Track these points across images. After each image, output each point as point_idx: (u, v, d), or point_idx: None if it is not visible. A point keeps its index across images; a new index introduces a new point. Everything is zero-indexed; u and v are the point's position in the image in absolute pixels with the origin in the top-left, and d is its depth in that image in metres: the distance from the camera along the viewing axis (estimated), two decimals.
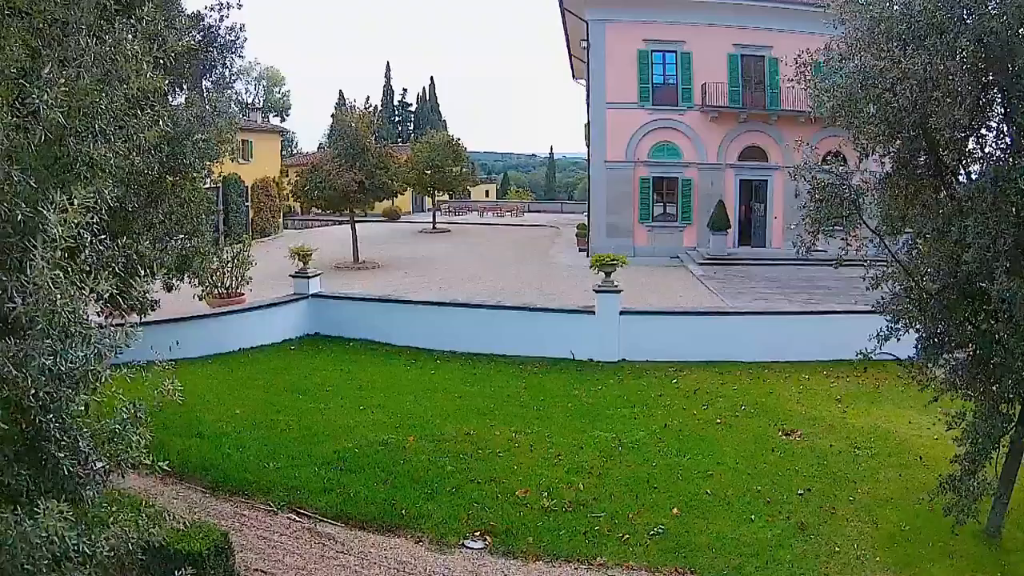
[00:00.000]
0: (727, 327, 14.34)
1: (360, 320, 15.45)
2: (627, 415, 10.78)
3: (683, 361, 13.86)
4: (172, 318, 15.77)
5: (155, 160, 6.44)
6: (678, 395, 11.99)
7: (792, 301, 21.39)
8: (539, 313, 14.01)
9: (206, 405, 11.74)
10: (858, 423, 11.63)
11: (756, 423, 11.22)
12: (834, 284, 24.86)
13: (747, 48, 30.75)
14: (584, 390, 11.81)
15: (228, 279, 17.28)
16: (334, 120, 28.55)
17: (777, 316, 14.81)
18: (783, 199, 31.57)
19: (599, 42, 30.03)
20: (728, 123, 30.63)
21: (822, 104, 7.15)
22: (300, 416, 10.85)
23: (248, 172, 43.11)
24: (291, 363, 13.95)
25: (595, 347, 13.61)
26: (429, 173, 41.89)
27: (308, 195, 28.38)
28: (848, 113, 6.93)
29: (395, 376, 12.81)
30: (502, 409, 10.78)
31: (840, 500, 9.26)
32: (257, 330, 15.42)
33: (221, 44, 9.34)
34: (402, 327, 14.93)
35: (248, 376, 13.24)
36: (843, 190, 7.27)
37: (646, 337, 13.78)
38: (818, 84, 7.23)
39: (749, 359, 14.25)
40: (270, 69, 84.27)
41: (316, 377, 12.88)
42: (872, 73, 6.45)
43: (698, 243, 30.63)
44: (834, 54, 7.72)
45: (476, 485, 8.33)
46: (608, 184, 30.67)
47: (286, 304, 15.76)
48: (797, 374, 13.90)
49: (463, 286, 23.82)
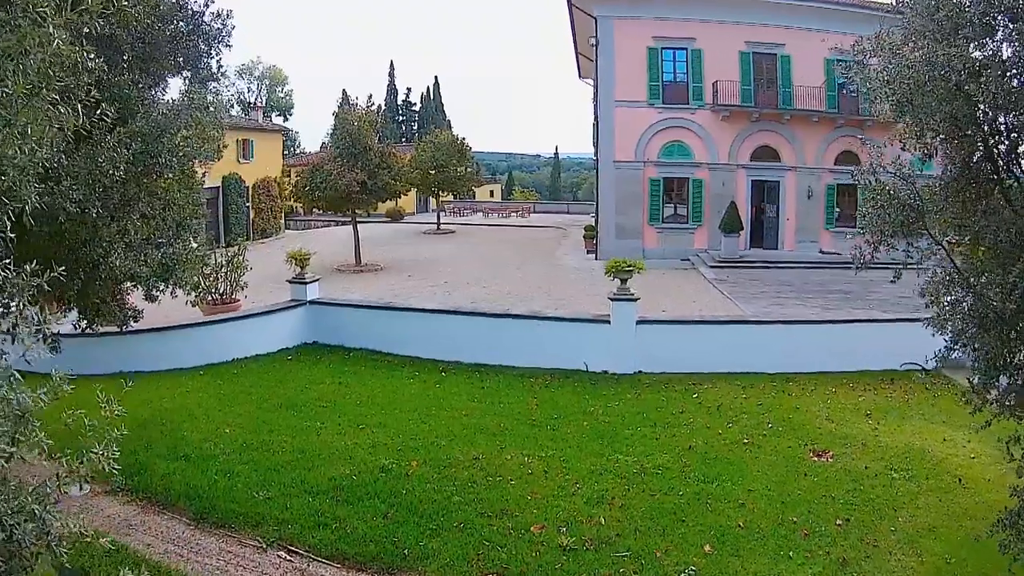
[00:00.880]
0: (749, 337, 13.52)
1: (360, 328, 14.67)
2: (648, 435, 9.97)
3: (702, 373, 13.07)
4: (162, 327, 15.04)
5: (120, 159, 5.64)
6: (700, 411, 11.18)
7: (808, 306, 20.61)
8: (550, 322, 13.19)
9: (194, 422, 10.97)
10: (891, 441, 10.84)
11: (785, 442, 10.42)
12: (849, 288, 24.07)
13: (759, 46, 29.94)
14: (600, 406, 10.99)
15: (222, 284, 16.50)
16: (336, 119, 27.68)
17: (801, 325, 13.98)
18: (795, 200, 30.79)
19: (608, 39, 29.22)
20: (740, 122, 29.82)
21: (885, 97, 6.28)
22: (294, 436, 10.06)
23: (249, 172, 42.38)
24: (286, 375, 13.16)
25: (610, 358, 12.81)
26: (433, 173, 41.10)
27: (308, 196, 27.59)
28: (916, 107, 6.07)
29: (397, 390, 12.01)
30: (513, 429, 9.97)
31: (881, 531, 8.46)
32: (252, 339, 14.65)
33: (206, 33, 8.53)
34: (404, 336, 14.14)
35: (240, 389, 12.45)
36: (908, 195, 6.41)
37: (664, 348, 12.97)
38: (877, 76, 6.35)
39: (772, 370, 13.46)
40: (272, 68, 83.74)
41: (312, 391, 12.09)
42: (940, 63, 5.61)
43: (709, 245, 29.81)
44: (884, 43, 6.87)
45: (486, 519, 7.52)
46: (617, 184, 29.87)
47: (282, 311, 14.98)
48: (823, 387, 13.11)
49: (468, 290, 23.02)
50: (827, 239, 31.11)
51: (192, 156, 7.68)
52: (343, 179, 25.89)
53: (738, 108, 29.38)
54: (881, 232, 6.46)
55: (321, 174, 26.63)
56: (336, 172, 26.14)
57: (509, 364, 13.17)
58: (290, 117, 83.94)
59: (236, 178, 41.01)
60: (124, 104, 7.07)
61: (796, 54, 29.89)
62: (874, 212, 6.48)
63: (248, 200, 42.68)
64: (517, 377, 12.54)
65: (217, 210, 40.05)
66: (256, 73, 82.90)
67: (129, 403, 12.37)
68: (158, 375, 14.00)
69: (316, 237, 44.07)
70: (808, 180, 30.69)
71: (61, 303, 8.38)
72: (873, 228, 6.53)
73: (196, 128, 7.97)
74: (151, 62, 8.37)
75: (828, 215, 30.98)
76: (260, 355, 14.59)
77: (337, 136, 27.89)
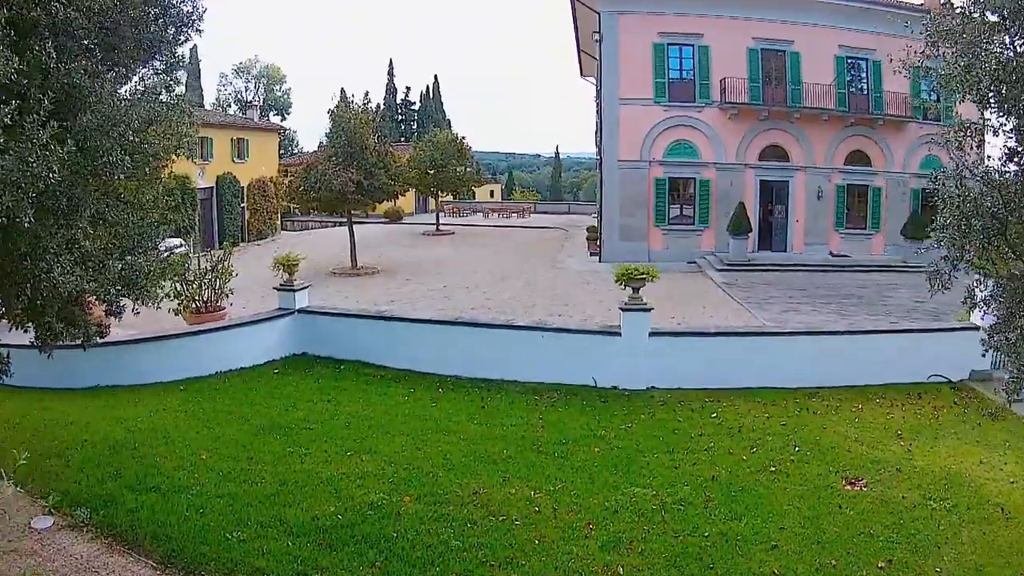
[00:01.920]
0: (770, 350, 12.59)
1: (352, 339, 13.73)
2: (666, 463, 9.03)
3: (719, 389, 12.14)
4: (141, 338, 14.18)
5: (54, 159, 4.72)
6: (721, 434, 10.25)
7: (823, 312, 19.73)
8: (556, 334, 12.23)
9: (169, 446, 10.04)
10: (926, 465, 9.96)
11: (815, 469, 9.50)
12: (861, 292, 23.19)
13: (767, 42, 29.07)
14: (612, 429, 10.05)
15: (207, 292, 15.58)
16: (331, 117, 26.72)
17: (825, 336, 13.05)
18: (804, 201, 29.91)
19: (612, 35, 28.31)
20: (748, 121, 28.92)
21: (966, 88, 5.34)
22: (276, 464, 9.12)
23: (244, 172, 41.47)
24: (272, 391, 12.22)
25: (620, 373, 11.88)
26: (432, 173, 40.20)
27: (302, 197, 26.65)
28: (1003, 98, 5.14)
29: (390, 410, 11.07)
30: (517, 456, 9.02)
31: (926, 572, 7.56)
32: (236, 351, 13.72)
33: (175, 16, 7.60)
34: (399, 348, 13.21)
35: (221, 408, 11.52)
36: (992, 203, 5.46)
37: (678, 361, 12.05)
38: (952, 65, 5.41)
39: (793, 385, 12.55)
40: (270, 67, 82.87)
41: (299, 410, 11.15)
42: None
43: (716, 247, 28.90)
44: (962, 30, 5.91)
45: (489, 569, 6.58)
46: (622, 185, 28.96)
47: (269, 321, 14.04)
48: (848, 403, 12.21)
49: (468, 296, 22.11)
50: (836, 241, 30.23)
51: (153, 154, 6.73)
52: (338, 179, 24.97)
53: (746, 106, 28.50)
54: (962, 247, 5.49)
55: (315, 174, 25.72)
56: (331, 172, 25.21)
57: (512, 379, 12.24)
58: (288, 116, 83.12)
59: (231, 178, 40.10)
60: (72, 95, 6.15)
61: (805, 51, 29.01)
62: (955, 223, 5.52)
63: (243, 201, 41.76)
64: (520, 394, 11.61)
65: (211, 211, 39.16)
66: (254, 72, 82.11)
67: (103, 422, 11.44)
68: (137, 390, 13.12)
69: (313, 238, 43.16)
70: (817, 180, 29.80)
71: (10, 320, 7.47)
72: (953, 242, 5.57)
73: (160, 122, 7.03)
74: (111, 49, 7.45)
75: (838, 216, 30.09)
76: (245, 368, 13.67)
77: (333, 135, 26.97)
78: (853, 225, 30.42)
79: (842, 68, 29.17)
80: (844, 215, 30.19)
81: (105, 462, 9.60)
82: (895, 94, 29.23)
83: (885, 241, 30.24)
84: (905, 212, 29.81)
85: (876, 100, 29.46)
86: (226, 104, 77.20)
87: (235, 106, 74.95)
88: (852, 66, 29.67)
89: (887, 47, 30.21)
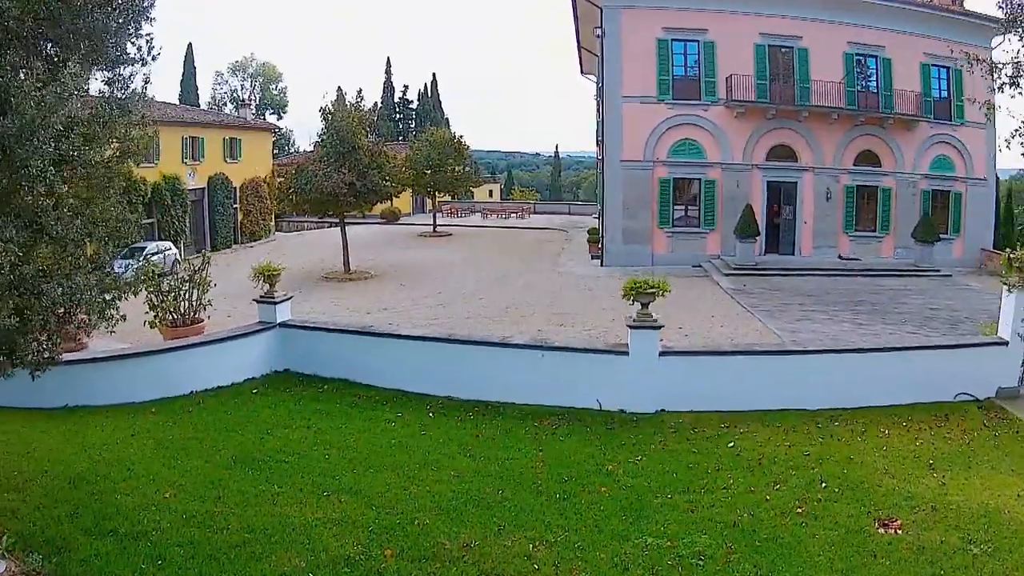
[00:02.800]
0: (789, 369, 11.61)
1: (338, 356, 12.75)
2: (680, 505, 8.05)
3: (734, 412, 11.17)
4: (111, 355, 13.23)
5: None
6: (739, 467, 9.27)
7: (837, 321, 18.77)
8: (557, 353, 11.23)
9: (133, 481, 9.09)
10: (961, 500, 9.01)
11: (845, 509, 8.54)
12: (875, 299, 22.24)
13: (774, 38, 28.12)
14: (620, 463, 9.05)
15: (183, 303, 14.60)
16: (323, 116, 25.72)
17: (849, 354, 12.07)
18: (813, 203, 28.95)
19: (615, 30, 27.31)
20: (755, 120, 27.94)
21: None
22: (244, 506, 8.15)
23: (236, 172, 40.50)
24: (248, 415, 11.24)
25: (627, 395, 10.90)
26: (429, 173, 39.23)
27: (291, 199, 25.65)
28: None
29: (375, 438, 10.08)
30: (514, 498, 8.04)
31: None
32: (213, 368, 12.75)
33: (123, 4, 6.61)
34: (388, 366, 12.22)
35: (192, 434, 10.55)
36: None
37: (690, 382, 11.06)
38: None
39: (813, 407, 11.58)
40: (266, 65, 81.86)
41: (275, 439, 10.17)
42: None
43: (722, 250, 27.94)
44: None
45: None
46: (624, 186, 27.98)
47: (248, 336, 13.05)
48: (873, 427, 11.24)
49: (464, 304, 21.14)
50: (846, 244, 29.29)
51: (85, 163, 5.75)
52: (329, 181, 23.97)
53: (753, 104, 27.53)
54: None
55: (306, 175, 24.73)
56: (322, 173, 24.21)
57: (509, 401, 11.24)
58: (284, 115, 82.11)
59: (223, 179, 39.14)
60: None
61: (813, 47, 28.06)
62: None
63: (236, 202, 40.80)
64: (518, 419, 10.62)
65: (203, 213, 38.19)
66: (250, 70, 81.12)
67: (67, 450, 10.42)
68: (107, 411, 12.18)
69: (308, 240, 42.23)
70: (826, 181, 28.84)
71: None
72: None
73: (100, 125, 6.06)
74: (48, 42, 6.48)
75: (847, 219, 29.16)
76: (223, 387, 12.70)
77: (325, 134, 25.97)
78: (862, 227, 29.49)
79: (851, 65, 28.20)
80: (853, 217, 29.25)
81: (64, 498, 8.72)
82: (905, 92, 28.27)
83: (895, 244, 29.32)
84: (915, 214, 28.91)
85: (886, 99, 28.50)
86: (221, 103, 76.20)
87: (231, 105, 73.92)
88: (861, 63, 28.70)
89: (896, 44, 29.43)
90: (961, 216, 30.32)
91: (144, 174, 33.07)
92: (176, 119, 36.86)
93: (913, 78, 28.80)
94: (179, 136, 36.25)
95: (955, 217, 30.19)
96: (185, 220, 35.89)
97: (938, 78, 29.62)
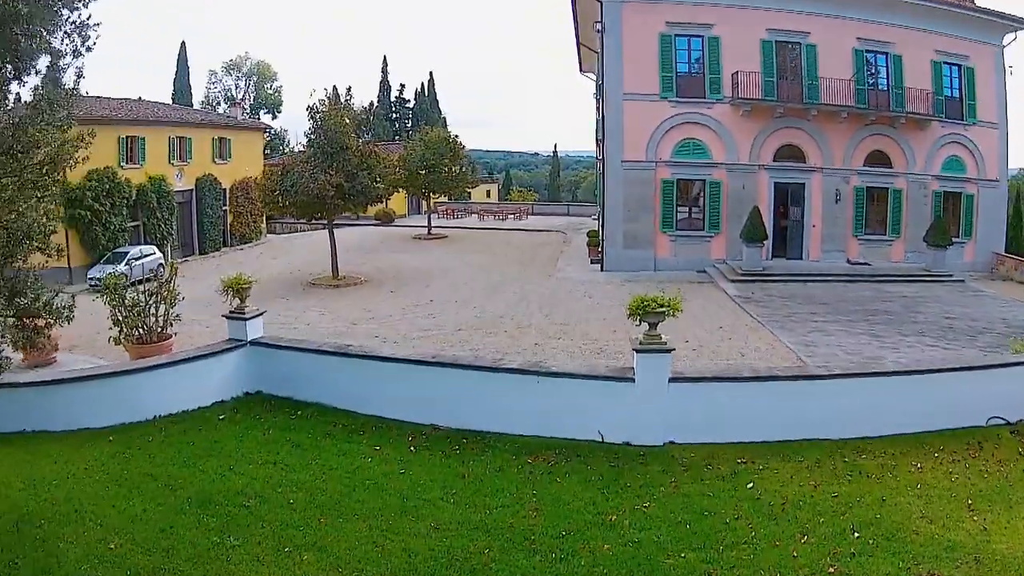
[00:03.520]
0: (811, 395, 10.45)
1: (314, 378, 11.60)
2: (696, 567, 6.89)
3: (749, 443, 10.02)
4: (71, 376, 12.17)
5: None
6: (761, 514, 8.13)
7: (852, 333, 17.66)
8: (555, 380, 10.05)
9: (80, 525, 8.05)
10: (1007, 550, 7.89)
11: (882, 566, 7.41)
12: (889, 307, 21.11)
13: (782, 34, 26.98)
14: (625, 511, 7.87)
15: (150, 319, 13.46)
16: (310, 114, 24.55)
17: (874, 378, 10.92)
18: (821, 205, 27.81)
19: (615, 25, 26.13)
20: (762, 118, 26.78)
21: None
22: (195, 562, 7.03)
23: (226, 173, 39.27)
24: (211, 445, 10.10)
25: (633, 426, 9.74)
26: (423, 173, 38.04)
27: (276, 200, 24.47)
28: None
29: (348, 476, 8.93)
30: (502, 559, 6.86)
31: None
32: (179, 391, 11.62)
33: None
34: (369, 390, 11.06)
35: (147, 469, 9.43)
36: None
37: (702, 411, 9.90)
38: None
39: (837, 435, 10.43)
40: (261, 64, 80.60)
41: (238, 476, 9.03)
42: None
43: (728, 255, 26.79)
44: None
45: None
46: (626, 187, 26.81)
47: (216, 355, 11.90)
48: (904, 459, 10.09)
49: (456, 312, 20.00)
50: (855, 248, 28.15)
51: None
52: (315, 182, 22.79)
53: (760, 102, 26.36)
54: None
55: (291, 176, 23.54)
56: (308, 174, 23.03)
57: (501, 431, 10.07)
58: (279, 115, 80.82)
59: (211, 180, 37.90)
60: None
61: (822, 44, 26.91)
62: None
63: (225, 203, 39.57)
64: (510, 454, 9.45)
65: (190, 215, 36.99)
66: (244, 69, 79.82)
67: (16, 484, 9.07)
68: (64, 438, 11.12)
69: (300, 243, 41.05)
70: (835, 182, 27.70)
71: None
72: None
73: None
74: None
75: (857, 221, 28.01)
76: (189, 412, 11.56)
77: (312, 134, 24.81)
78: (872, 230, 28.36)
79: (861, 62, 27.06)
80: (863, 220, 28.12)
81: (5, 545, 7.70)
82: (916, 90, 27.16)
83: (905, 248, 28.20)
84: (926, 216, 27.81)
85: (897, 97, 27.36)
86: (215, 103, 74.93)
87: (224, 104, 72.64)
88: (870, 60, 27.58)
89: (906, 40, 28.31)
90: (973, 219, 29.24)
91: (129, 175, 32.08)
92: (162, 118, 35.73)
93: (924, 76, 27.68)
94: (166, 136, 35.12)
95: (966, 220, 29.11)
96: (172, 223, 34.75)
97: (949, 76, 28.52)
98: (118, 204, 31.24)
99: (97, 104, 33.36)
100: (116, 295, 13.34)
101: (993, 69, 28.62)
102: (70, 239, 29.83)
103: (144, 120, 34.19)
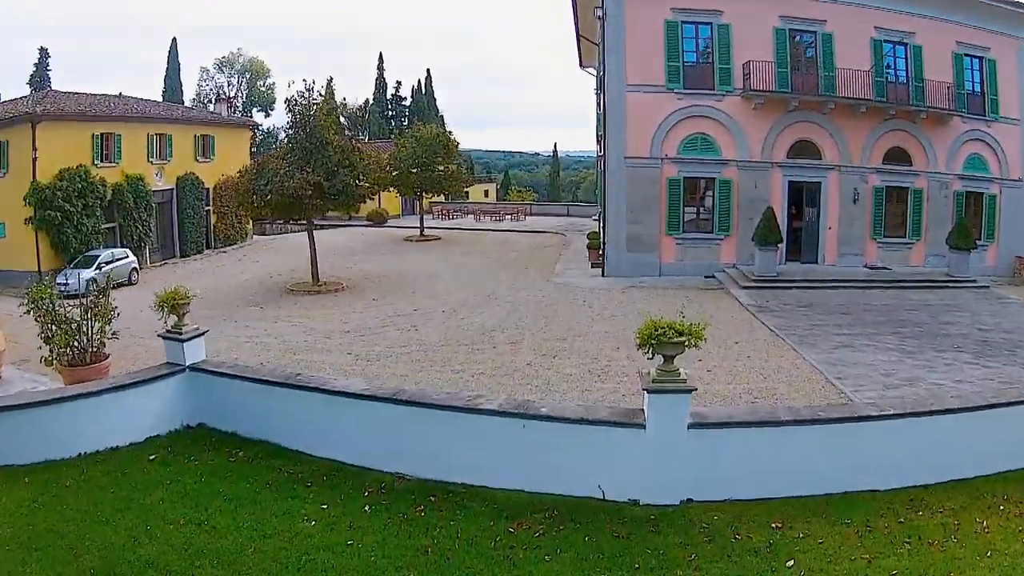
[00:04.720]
0: (858, 438, 8.59)
1: (261, 412, 9.75)
2: None
3: (782, 499, 8.17)
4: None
5: None
6: None
7: (881, 347, 15.80)
8: (547, 424, 8.10)
9: None
10: None
11: None
12: (916, 317, 19.21)
13: (796, 22, 25.14)
14: None
15: (83, 337, 11.62)
16: (288, 108, 22.72)
17: (928, 417, 9.02)
18: (838, 205, 25.94)
19: (618, 10, 24.26)
20: (775, 112, 24.93)
21: None
22: None
23: (209, 172, 37.36)
24: (132, 495, 8.25)
25: (642, 481, 7.86)
26: (416, 172, 36.19)
27: (251, 200, 22.63)
28: None
29: (283, 549, 7.08)
30: None
31: None
32: (109, 423, 9.76)
33: None
34: (323, 428, 9.21)
35: (57, 523, 7.59)
36: None
37: (728, 463, 8.03)
38: None
39: (884, 485, 8.57)
40: (254, 61, 78.77)
41: (152, 541, 7.17)
42: None
43: (738, 259, 24.93)
44: None
45: None
46: (629, 186, 24.94)
47: (151, 383, 10.02)
48: (965, 513, 8.20)
49: (441, 324, 18.13)
50: (873, 251, 26.27)
51: None
52: (291, 180, 20.94)
53: (772, 95, 24.51)
54: None
55: (267, 174, 21.69)
56: (284, 172, 21.18)
57: (478, 484, 8.22)
58: (272, 112, 78.95)
59: (193, 179, 36.03)
60: None
61: (838, 33, 25.05)
62: None
63: (208, 204, 37.73)
64: (487, 519, 7.55)
65: (171, 216, 35.13)
66: (237, 66, 77.99)
67: None
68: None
69: (287, 244, 39.22)
70: (853, 181, 25.84)
71: None
72: None
73: None
74: None
75: (875, 223, 26.15)
76: (119, 448, 9.71)
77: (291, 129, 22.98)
78: (891, 233, 26.51)
79: (879, 53, 25.20)
80: (882, 221, 26.26)
81: None
82: (937, 84, 25.30)
83: (926, 251, 26.37)
84: (947, 217, 26.00)
85: (917, 90, 25.49)
86: (207, 100, 73.05)
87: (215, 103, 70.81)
88: (889, 51, 25.72)
89: (927, 30, 26.45)
90: (995, 220, 27.43)
91: (104, 174, 30.29)
92: (141, 115, 33.91)
93: (945, 69, 25.84)
94: (144, 133, 33.33)
95: (989, 221, 27.32)
96: (150, 224, 32.99)
97: (971, 69, 26.68)
98: (91, 205, 29.48)
99: (70, 100, 31.62)
100: (42, 308, 11.51)
101: (1016, 63, 26.82)
102: (40, 241, 28.17)
103: (120, 116, 32.36)
